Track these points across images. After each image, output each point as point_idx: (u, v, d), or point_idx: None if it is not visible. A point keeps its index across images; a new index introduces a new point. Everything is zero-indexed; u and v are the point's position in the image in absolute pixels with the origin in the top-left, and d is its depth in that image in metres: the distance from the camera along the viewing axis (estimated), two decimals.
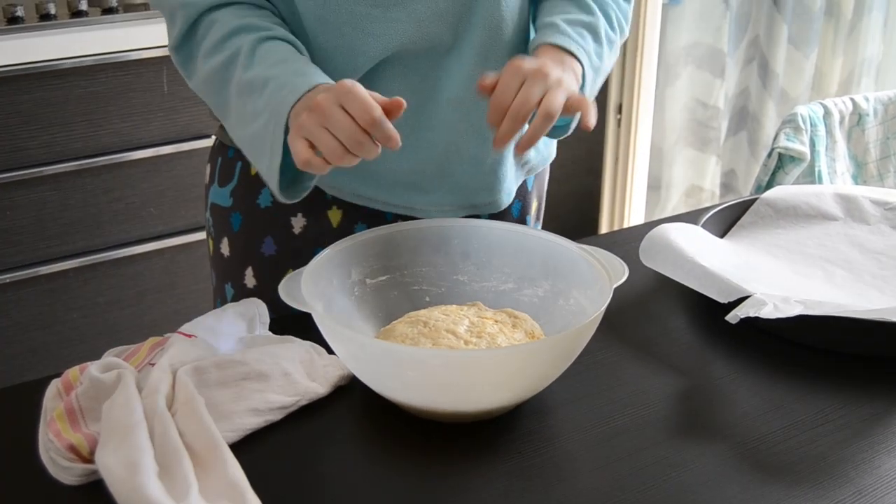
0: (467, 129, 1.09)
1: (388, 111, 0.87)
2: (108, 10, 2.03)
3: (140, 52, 2.04)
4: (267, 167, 0.96)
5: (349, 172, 1.09)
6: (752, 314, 0.98)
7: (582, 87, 1.03)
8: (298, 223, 1.15)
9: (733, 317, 0.99)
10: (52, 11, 1.98)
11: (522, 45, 1.11)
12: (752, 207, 1.33)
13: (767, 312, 0.98)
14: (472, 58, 1.06)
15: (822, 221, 1.33)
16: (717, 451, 0.87)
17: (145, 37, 2.04)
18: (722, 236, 1.29)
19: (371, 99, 0.85)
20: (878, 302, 1.12)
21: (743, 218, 1.32)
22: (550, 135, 1.06)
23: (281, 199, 0.98)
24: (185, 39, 1.03)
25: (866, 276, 1.19)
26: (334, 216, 1.15)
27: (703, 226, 1.24)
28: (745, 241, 1.28)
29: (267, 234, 1.16)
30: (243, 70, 0.97)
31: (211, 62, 1.00)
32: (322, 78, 0.94)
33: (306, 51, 1.02)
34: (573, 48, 1.02)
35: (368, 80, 1.05)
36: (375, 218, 1.15)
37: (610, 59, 1.11)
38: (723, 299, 1.04)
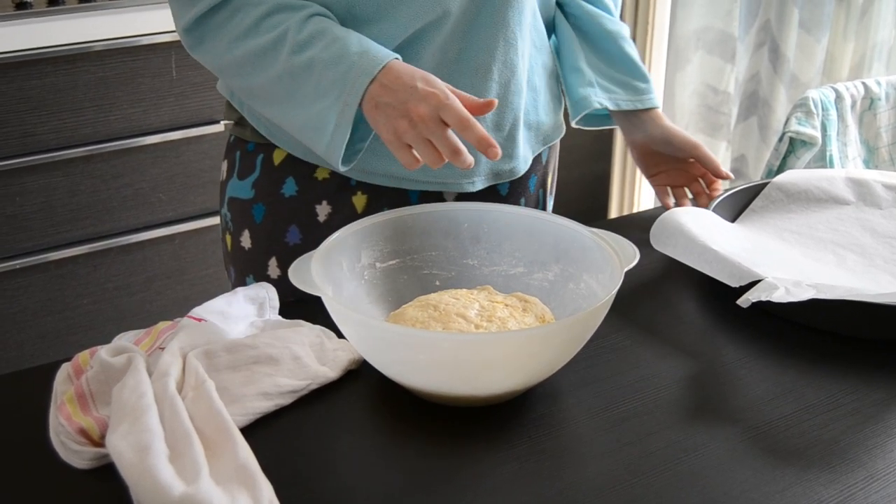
0: (489, 95, 1.11)
1: (482, 110, 0.95)
2: None
3: (149, 37, 2.03)
4: (327, 144, 1.00)
5: (381, 153, 1.10)
6: (763, 298, 0.97)
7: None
8: (323, 211, 1.15)
9: (745, 301, 0.99)
10: None
11: (540, 11, 1.15)
12: (764, 192, 1.32)
13: (779, 296, 0.97)
14: (494, 25, 1.08)
15: (834, 206, 1.32)
16: (728, 436, 0.86)
17: (154, 22, 2.04)
18: (733, 221, 1.28)
19: (466, 112, 0.93)
20: (890, 286, 1.12)
21: (754, 202, 1.31)
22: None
23: (340, 170, 1.03)
24: (203, 19, 1.03)
25: (878, 261, 1.18)
26: (359, 202, 1.15)
27: (714, 210, 1.24)
28: (756, 226, 1.27)
29: (291, 224, 1.16)
30: (294, 52, 0.99)
31: (248, 44, 1.01)
32: (385, 53, 0.98)
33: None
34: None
35: (401, 53, 1.05)
36: (400, 203, 1.15)
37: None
38: (734, 283, 1.03)
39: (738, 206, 1.30)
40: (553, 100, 1.26)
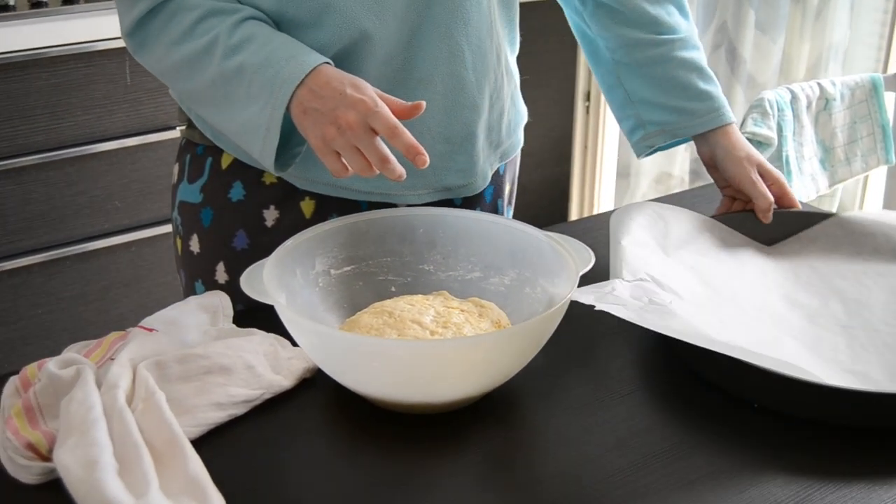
0: (434, 107, 1.08)
1: (409, 114, 0.94)
2: (69, 1, 2.00)
3: (102, 42, 2.01)
4: (260, 149, 0.99)
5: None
6: (580, 300, 0.90)
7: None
8: (271, 216, 1.13)
9: (584, 298, 0.91)
10: (11, 2, 1.95)
11: (486, 24, 1.10)
12: (824, 222, 1.17)
13: (587, 299, 0.90)
14: (438, 36, 1.06)
15: (888, 259, 1.11)
16: (686, 442, 0.86)
17: (107, 27, 2.01)
18: (770, 244, 1.17)
19: (395, 120, 0.92)
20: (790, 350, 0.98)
21: (807, 231, 1.17)
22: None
23: (275, 173, 1.03)
24: (143, 23, 1.02)
25: (858, 331, 1.01)
26: (307, 207, 1.14)
27: (736, 227, 1.16)
28: (782, 256, 1.14)
29: (239, 228, 1.14)
30: (225, 56, 0.98)
31: (183, 48, 1.00)
32: (314, 57, 0.97)
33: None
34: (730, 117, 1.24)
35: (339, 65, 1.04)
36: (349, 208, 1.13)
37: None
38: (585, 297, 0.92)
39: (779, 230, 1.17)
40: (515, 117, 1.24)
